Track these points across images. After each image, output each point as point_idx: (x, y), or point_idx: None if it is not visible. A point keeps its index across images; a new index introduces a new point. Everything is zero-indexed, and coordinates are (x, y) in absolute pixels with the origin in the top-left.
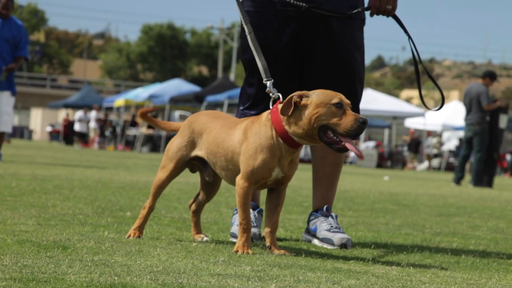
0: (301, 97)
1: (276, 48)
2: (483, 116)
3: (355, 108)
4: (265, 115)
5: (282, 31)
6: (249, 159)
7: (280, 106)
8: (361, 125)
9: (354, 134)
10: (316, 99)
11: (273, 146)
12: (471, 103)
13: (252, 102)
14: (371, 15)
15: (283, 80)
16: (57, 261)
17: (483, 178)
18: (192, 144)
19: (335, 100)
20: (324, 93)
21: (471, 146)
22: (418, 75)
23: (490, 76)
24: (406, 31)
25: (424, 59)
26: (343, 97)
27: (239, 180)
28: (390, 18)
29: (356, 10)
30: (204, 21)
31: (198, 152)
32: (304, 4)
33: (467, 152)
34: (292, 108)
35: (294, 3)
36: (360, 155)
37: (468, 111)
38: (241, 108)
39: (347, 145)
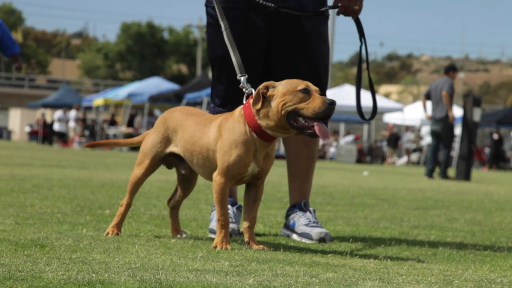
0: (267, 87)
1: (246, 44)
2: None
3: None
4: (238, 111)
5: (252, 28)
6: (224, 155)
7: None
8: (330, 106)
9: (323, 116)
10: (282, 88)
11: (247, 141)
12: (438, 98)
13: (224, 100)
14: (338, 14)
15: (252, 75)
16: (34, 259)
17: (461, 171)
18: (167, 140)
19: (301, 87)
20: (289, 82)
21: (439, 138)
22: (360, 81)
23: (452, 69)
24: (362, 37)
25: (402, 54)
26: (309, 83)
27: (216, 176)
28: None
29: (324, 9)
30: (183, 19)
31: (173, 148)
32: (272, 5)
33: (436, 144)
34: (261, 99)
35: (263, 3)
36: (324, 135)
37: (435, 106)
38: (212, 105)
39: (316, 127)
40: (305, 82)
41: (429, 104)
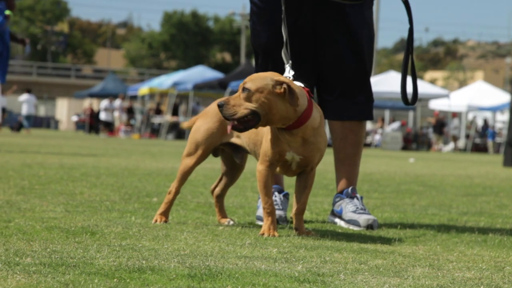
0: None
1: (295, 33)
2: None
3: (366, 81)
4: None
5: (297, 15)
6: (264, 143)
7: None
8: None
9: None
10: None
11: (274, 130)
12: None
13: None
14: None
15: (303, 63)
16: (85, 246)
17: (509, 158)
18: (223, 129)
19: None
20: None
21: None
22: (406, 67)
23: None
24: (411, 20)
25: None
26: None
27: (258, 165)
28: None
29: None
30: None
31: (235, 139)
32: None
33: None
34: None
35: None
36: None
37: None
38: None
39: None
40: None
41: None
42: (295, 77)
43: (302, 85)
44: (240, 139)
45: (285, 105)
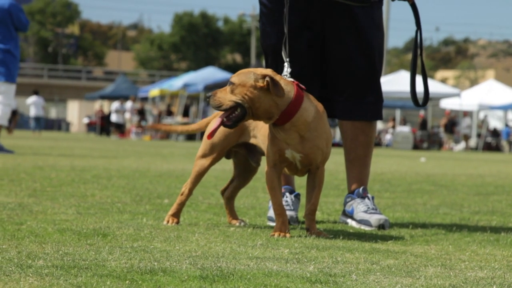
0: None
1: (301, 34)
2: None
3: (376, 81)
4: None
5: (305, 18)
6: (265, 144)
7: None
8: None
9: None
10: None
11: (271, 128)
12: None
13: None
14: None
15: (307, 64)
16: (97, 248)
17: None
18: (241, 131)
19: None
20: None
21: None
22: (414, 69)
23: None
24: (418, 22)
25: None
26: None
27: (265, 167)
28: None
29: None
30: (236, 8)
31: (252, 140)
32: None
33: None
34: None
35: None
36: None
37: None
38: None
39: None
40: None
41: None
42: (293, 75)
43: (292, 80)
44: (256, 139)
45: (269, 98)
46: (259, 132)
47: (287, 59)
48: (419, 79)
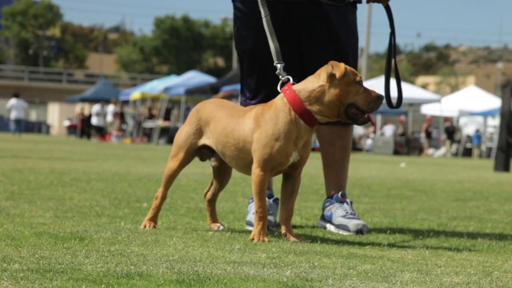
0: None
1: (277, 35)
2: None
3: None
4: (280, 100)
5: (281, 19)
6: (265, 147)
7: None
8: (379, 100)
9: (374, 108)
10: (346, 78)
11: (290, 130)
12: None
13: (255, 92)
14: (368, 1)
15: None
16: (74, 252)
17: (500, 162)
18: (200, 132)
19: (358, 78)
20: (348, 72)
21: None
22: (389, 71)
23: None
24: (392, 25)
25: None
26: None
27: (255, 169)
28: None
29: None
30: (218, 12)
31: (206, 140)
32: None
33: None
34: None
35: None
36: (373, 122)
37: None
38: (243, 99)
39: (367, 115)
40: (357, 73)
41: None
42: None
43: (289, 78)
44: (210, 140)
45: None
46: (212, 133)
47: (281, 62)
48: (393, 81)
